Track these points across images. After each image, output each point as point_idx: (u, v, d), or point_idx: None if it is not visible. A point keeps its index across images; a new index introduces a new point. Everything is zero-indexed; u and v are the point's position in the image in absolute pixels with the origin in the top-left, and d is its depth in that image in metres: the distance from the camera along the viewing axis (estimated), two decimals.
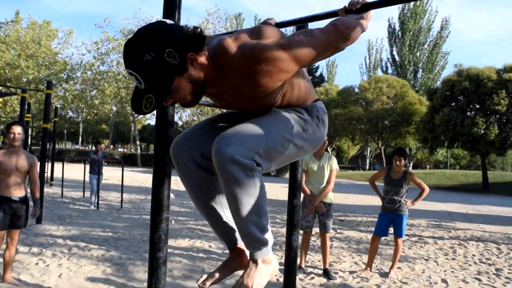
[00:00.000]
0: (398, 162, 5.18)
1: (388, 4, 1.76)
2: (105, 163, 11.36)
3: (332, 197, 5.14)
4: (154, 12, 67.41)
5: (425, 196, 5.36)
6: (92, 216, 8.61)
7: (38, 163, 5.13)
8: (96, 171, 9.92)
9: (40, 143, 19.16)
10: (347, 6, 1.69)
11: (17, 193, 4.15)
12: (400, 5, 44.67)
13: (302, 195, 4.78)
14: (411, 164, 45.25)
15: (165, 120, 2.42)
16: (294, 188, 3.12)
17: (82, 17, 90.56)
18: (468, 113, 24.51)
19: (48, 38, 38.62)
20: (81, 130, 51.97)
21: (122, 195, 10.22)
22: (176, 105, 2.34)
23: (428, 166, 58.76)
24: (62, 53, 39.33)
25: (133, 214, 9.27)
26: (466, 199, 18.79)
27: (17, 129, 4.10)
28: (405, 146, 36.68)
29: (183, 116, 45.40)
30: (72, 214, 8.65)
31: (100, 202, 9.88)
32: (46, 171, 13.87)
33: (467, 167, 58.81)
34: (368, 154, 46.30)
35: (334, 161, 5.05)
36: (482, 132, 23.31)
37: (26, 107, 15.16)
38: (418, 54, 43.98)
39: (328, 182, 4.98)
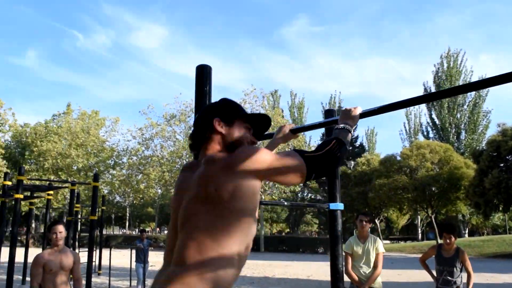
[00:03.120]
0: (448, 240, 4.92)
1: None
2: (151, 249, 11.46)
3: (381, 281, 4.89)
4: (194, 96, 70.36)
5: (473, 281, 4.95)
6: None
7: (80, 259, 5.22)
8: (142, 260, 9.96)
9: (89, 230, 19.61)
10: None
11: None
12: (434, 69, 45.02)
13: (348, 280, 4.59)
14: (467, 231, 42.83)
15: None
16: (337, 279, 3.00)
17: (127, 104, 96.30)
18: None
19: (96, 127, 41.08)
20: (128, 214, 53.03)
21: None
22: None
23: (485, 232, 55.35)
24: (109, 141, 41.44)
25: None
26: None
27: (59, 228, 4.25)
28: (456, 212, 34.99)
29: None
30: None
31: None
32: (94, 260, 14.09)
33: None
34: (419, 223, 44.32)
35: (380, 244, 4.86)
36: None
37: (77, 198, 15.77)
38: (458, 115, 43.32)
39: (375, 267, 4.77)
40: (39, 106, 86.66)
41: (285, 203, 2.96)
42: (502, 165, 23.92)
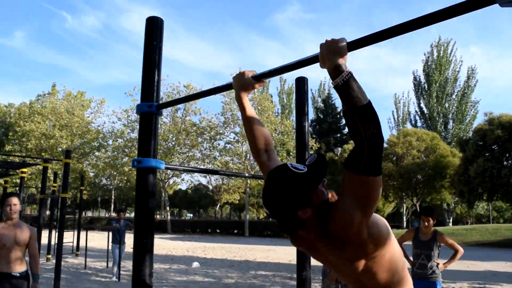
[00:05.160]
0: (426, 223, 4.74)
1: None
2: (130, 231, 11.23)
3: None
4: (182, 79, 70.30)
5: (459, 257, 4.87)
6: None
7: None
8: (118, 241, 9.71)
9: (76, 211, 19.25)
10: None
11: (18, 268, 3.94)
12: (424, 57, 44.90)
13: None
14: (451, 220, 43.16)
15: (146, 189, 2.21)
16: (303, 258, 2.79)
17: (115, 86, 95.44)
18: (505, 163, 23.47)
19: (81, 108, 40.38)
20: (113, 197, 52.56)
21: None
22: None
23: (469, 221, 56.00)
24: (94, 122, 40.76)
25: (155, 285, 8.90)
26: None
27: (13, 201, 3.96)
28: (441, 201, 35.22)
29: (211, 180, 45.56)
30: (91, 287, 8.37)
31: (123, 272, 9.58)
32: (72, 241, 13.85)
33: None
34: (405, 211, 44.55)
35: None
36: None
37: (54, 177, 15.44)
38: (446, 105, 43.32)
39: None
40: (27, 87, 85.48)
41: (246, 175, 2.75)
42: (487, 154, 23.95)
